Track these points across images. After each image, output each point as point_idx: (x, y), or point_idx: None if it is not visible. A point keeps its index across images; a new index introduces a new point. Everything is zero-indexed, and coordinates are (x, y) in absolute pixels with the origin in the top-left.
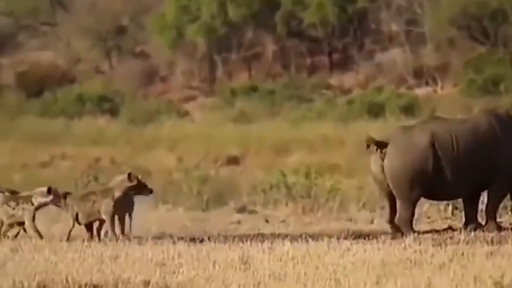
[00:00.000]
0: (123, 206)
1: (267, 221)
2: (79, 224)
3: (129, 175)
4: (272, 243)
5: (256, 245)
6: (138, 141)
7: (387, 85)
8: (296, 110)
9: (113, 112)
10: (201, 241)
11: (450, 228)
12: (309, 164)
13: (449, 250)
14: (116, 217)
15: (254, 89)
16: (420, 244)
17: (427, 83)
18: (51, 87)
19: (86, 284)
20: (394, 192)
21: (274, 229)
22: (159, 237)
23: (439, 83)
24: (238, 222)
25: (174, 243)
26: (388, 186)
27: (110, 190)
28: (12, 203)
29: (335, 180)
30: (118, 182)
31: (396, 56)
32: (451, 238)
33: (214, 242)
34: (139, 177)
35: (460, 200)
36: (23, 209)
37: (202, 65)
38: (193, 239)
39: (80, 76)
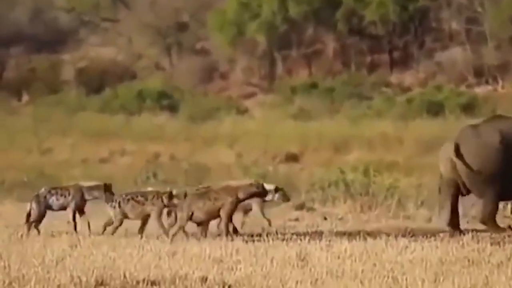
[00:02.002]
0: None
1: (325, 218)
2: (193, 221)
3: (257, 182)
4: (330, 240)
5: (314, 243)
6: (197, 138)
7: (447, 84)
8: (356, 108)
9: (173, 108)
10: (259, 237)
11: (509, 227)
12: (367, 161)
13: (507, 249)
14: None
15: (313, 86)
16: (478, 242)
17: (487, 82)
18: (111, 83)
19: (143, 280)
20: (474, 191)
21: (332, 227)
22: (217, 234)
23: (500, 82)
24: (296, 219)
25: (232, 239)
26: (454, 185)
27: (234, 190)
28: (141, 198)
29: (393, 178)
30: (246, 185)
31: (456, 54)
32: (509, 236)
33: (272, 239)
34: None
35: None
36: (152, 204)
37: (262, 62)
38: (251, 236)
39: (140, 72)
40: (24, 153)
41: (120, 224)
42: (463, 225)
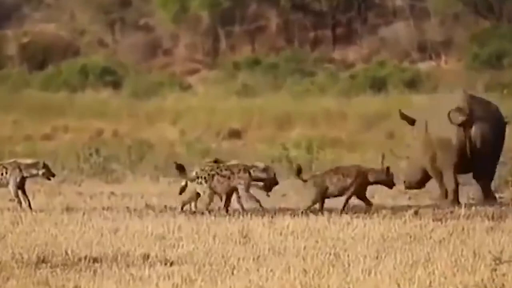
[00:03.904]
0: None
1: (268, 195)
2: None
3: (388, 168)
4: (272, 217)
5: (256, 219)
6: (140, 114)
7: (390, 60)
8: (299, 84)
9: (116, 85)
10: (202, 214)
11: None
12: (311, 138)
13: (449, 225)
14: None
15: (257, 62)
16: (420, 219)
17: (430, 58)
18: (55, 59)
19: (85, 257)
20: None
21: (275, 203)
22: (159, 210)
23: (443, 58)
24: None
25: (174, 216)
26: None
27: (365, 171)
28: (226, 172)
29: (336, 154)
30: (378, 170)
31: (400, 30)
32: (451, 213)
33: (215, 216)
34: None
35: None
36: (239, 177)
37: (205, 38)
38: (193, 213)
39: (83, 49)
40: None
41: (212, 199)
42: (404, 201)
